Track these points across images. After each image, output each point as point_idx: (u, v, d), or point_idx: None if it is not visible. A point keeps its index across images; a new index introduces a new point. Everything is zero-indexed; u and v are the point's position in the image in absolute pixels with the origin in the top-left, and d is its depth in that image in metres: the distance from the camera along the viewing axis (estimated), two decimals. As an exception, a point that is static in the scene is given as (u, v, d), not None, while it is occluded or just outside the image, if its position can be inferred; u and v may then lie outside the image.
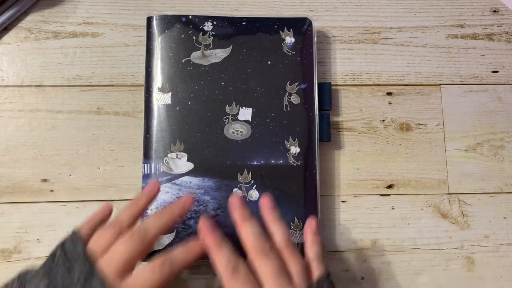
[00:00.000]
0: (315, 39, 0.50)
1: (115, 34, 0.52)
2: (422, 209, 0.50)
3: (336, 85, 0.53)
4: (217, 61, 0.49)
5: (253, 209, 0.46)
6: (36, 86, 0.51)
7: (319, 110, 0.49)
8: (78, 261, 0.35)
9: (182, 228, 0.45)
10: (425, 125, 0.52)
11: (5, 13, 0.51)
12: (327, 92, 0.50)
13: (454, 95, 0.53)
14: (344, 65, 0.53)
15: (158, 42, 0.49)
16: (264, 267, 0.35)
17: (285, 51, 0.49)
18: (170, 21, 0.49)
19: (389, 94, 0.53)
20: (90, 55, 0.52)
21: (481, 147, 0.52)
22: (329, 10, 0.55)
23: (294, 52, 0.50)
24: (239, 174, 0.47)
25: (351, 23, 0.55)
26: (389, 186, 0.51)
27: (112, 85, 0.51)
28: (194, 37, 0.49)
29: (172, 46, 0.49)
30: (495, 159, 0.52)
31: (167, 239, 0.45)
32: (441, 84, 0.53)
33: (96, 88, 0.51)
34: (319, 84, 0.50)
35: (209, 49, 0.49)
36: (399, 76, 0.53)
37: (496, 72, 0.54)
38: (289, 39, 0.50)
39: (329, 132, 0.50)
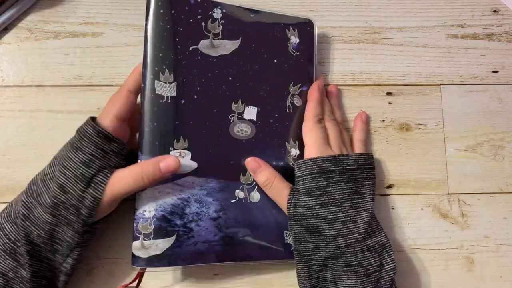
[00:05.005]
0: (315, 42, 0.50)
1: (115, 34, 0.52)
2: (421, 209, 0.50)
3: (336, 85, 0.53)
4: (225, 53, 0.46)
5: (253, 210, 0.45)
6: (37, 86, 0.51)
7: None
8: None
9: (183, 231, 0.43)
10: (425, 125, 0.52)
11: (5, 13, 0.51)
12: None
13: (454, 95, 0.53)
14: (344, 65, 0.53)
15: (164, 23, 0.44)
16: (331, 128, 0.48)
17: (290, 51, 0.49)
18: (178, 1, 0.44)
19: (389, 94, 0.53)
20: (91, 55, 0.52)
21: (481, 147, 0.52)
22: (329, 10, 0.55)
23: (298, 53, 0.49)
24: (241, 175, 0.46)
25: (351, 23, 0.54)
26: (389, 186, 0.51)
27: (112, 85, 0.51)
28: (203, 23, 0.45)
29: (179, 30, 0.44)
30: (495, 159, 0.52)
31: (167, 243, 0.42)
32: (441, 84, 0.53)
33: (97, 88, 0.51)
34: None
35: (218, 39, 0.46)
36: (399, 76, 0.53)
37: (496, 72, 0.54)
38: (294, 39, 0.49)
39: (329, 133, 0.49)
